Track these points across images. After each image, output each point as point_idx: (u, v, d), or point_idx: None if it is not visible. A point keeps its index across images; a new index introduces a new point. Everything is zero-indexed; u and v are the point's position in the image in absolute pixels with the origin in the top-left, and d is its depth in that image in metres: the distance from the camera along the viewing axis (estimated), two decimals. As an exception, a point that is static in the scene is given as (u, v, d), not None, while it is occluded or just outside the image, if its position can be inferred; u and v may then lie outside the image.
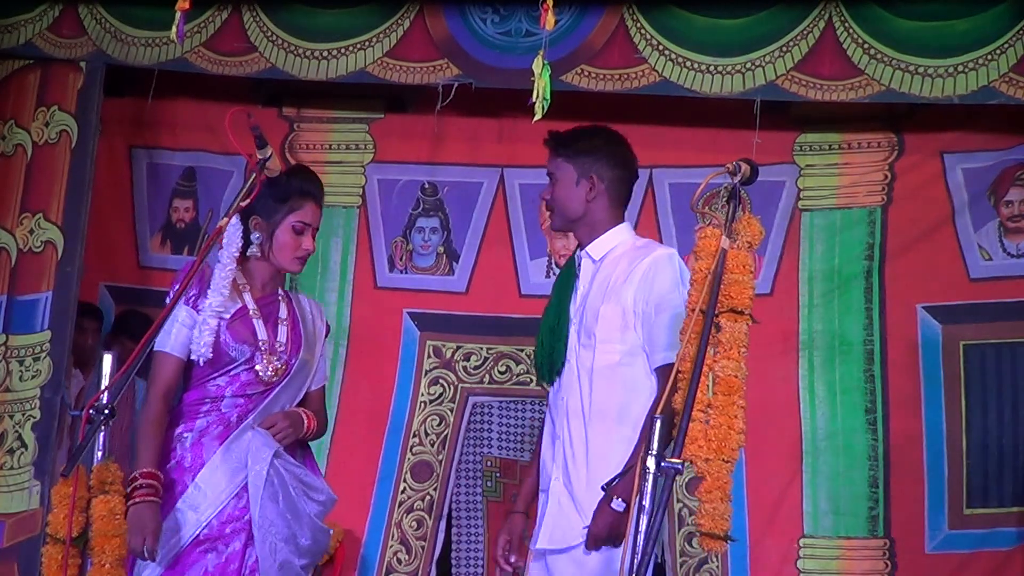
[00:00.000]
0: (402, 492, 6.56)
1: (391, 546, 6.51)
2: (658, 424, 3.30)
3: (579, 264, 4.52)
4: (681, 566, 6.11)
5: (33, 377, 6.24)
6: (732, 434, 3.68)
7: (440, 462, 6.60)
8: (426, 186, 6.89)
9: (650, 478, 3.29)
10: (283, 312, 4.60)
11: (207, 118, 6.95)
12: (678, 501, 6.11)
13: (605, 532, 4.19)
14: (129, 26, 6.47)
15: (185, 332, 4.40)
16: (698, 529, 3.73)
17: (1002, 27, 5.47)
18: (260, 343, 4.48)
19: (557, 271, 6.44)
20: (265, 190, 4.41)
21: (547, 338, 4.45)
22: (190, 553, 4.33)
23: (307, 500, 4.47)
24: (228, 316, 4.43)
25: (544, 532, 4.39)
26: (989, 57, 5.48)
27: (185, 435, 4.44)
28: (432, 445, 6.53)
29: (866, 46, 5.62)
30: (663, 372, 4.28)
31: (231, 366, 4.47)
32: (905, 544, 5.92)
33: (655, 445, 3.29)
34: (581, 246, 4.52)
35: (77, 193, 6.42)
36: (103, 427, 3.82)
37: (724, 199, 3.81)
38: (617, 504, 4.17)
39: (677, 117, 6.34)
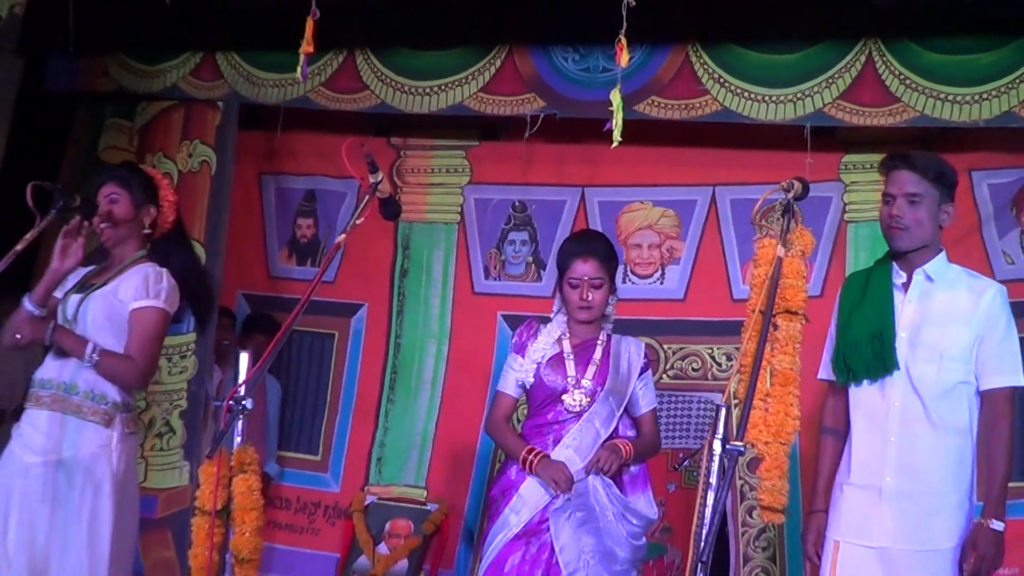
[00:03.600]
0: (496, 471, 6.56)
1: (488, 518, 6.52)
2: (723, 412, 3.29)
3: (904, 280, 4.25)
4: (743, 535, 6.07)
5: (180, 372, 6.32)
6: (788, 420, 3.69)
7: (530, 445, 6.61)
8: (516, 204, 6.90)
9: (716, 459, 3.28)
10: (598, 355, 4.96)
11: (325, 147, 7.00)
12: (740, 479, 6.07)
13: (993, 552, 4.05)
14: (259, 70, 6.56)
15: (514, 376, 5.00)
16: (758, 503, 3.75)
17: (1021, 59, 5.43)
18: (569, 379, 4.88)
19: (633, 278, 6.44)
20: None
21: (869, 344, 4.17)
22: (512, 545, 4.78)
23: (626, 522, 4.81)
24: (546, 359, 4.95)
25: (886, 530, 4.12)
26: (1010, 86, 5.44)
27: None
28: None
29: (902, 77, 5.59)
30: (1001, 395, 4.17)
31: (550, 398, 4.90)
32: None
33: (721, 430, 3.28)
34: (911, 264, 4.26)
35: (217, 214, 6.49)
36: (241, 416, 3.86)
37: (779, 213, 3.82)
38: (997, 525, 4.05)
39: (737, 141, 6.30)
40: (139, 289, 4.80)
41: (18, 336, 4.67)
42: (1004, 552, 4.05)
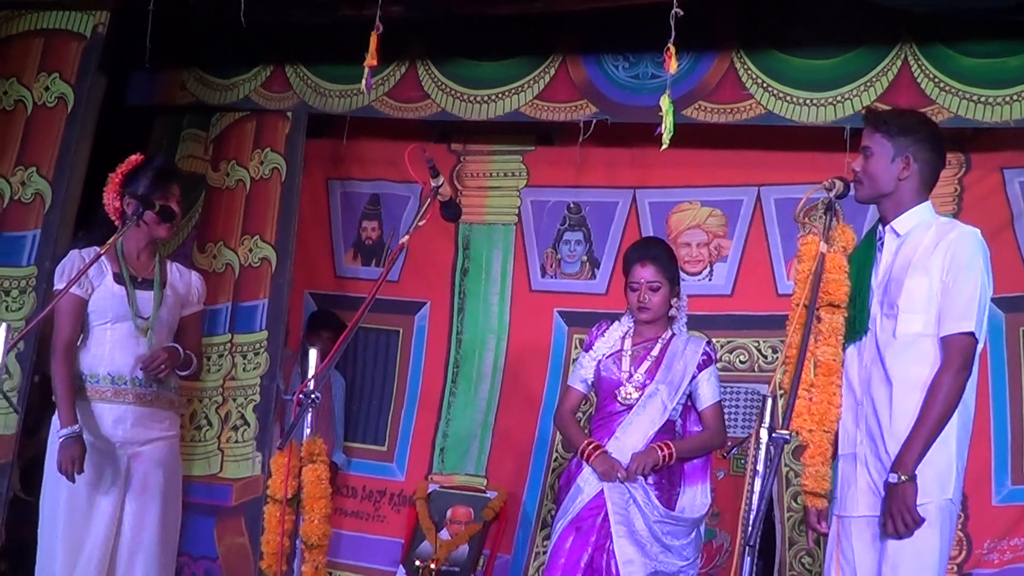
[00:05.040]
0: (554, 460, 6.56)
1: (545, 505, 6.51)
2: (769, 402, 3.26)
3: (881, 238, 4.00)
4: (788, 519, 6.04)
5: (254, 368, 6.34)
6: (831, 409, 3.66)
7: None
8: (571, 205, 6.89)
9: (763, 447, 3.26)
10: (655, 352, 5.02)
11: (389, 154, 7.00)
12: (786, 465, 6.03)
13: (892, 508, 3.72)
14: (326, 81, 6.59)
15: (581, 372, 5.13)
16: (802, 488, 3.71)
17: (1049, 63, 5.41)
18: (623, 374, 4.97)
19: (682, 275, 6.39)
20: None
21: (850, 309, 3.84)
22: (566, 531, 4.87)
23: (675, 528, 4.85)
24: (607, 355, 5.05)
25: (861, 500, 3.90)
26: (1039, 88, 5.42)
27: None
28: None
29: (936, 80, 5.56)
30: (947, 343, 3.78)
31: (608, 392, 5.01)
32: (975, 498, 5.76)
33: (767, 419, 3.25)
34: (884, 221, 3.98)
35: (286, 218, 6.50)
36: (310, 409, 3.87)
37: (822, 211, 3.79)
38: (892, 477, 3.71)
39: (780, 143, 6.26)
40: (199, 293, 5.08)
41: None
42: (910, 504, 3.67)
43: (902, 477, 3.70)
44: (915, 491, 3.70)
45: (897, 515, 3.71)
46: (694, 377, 4.99)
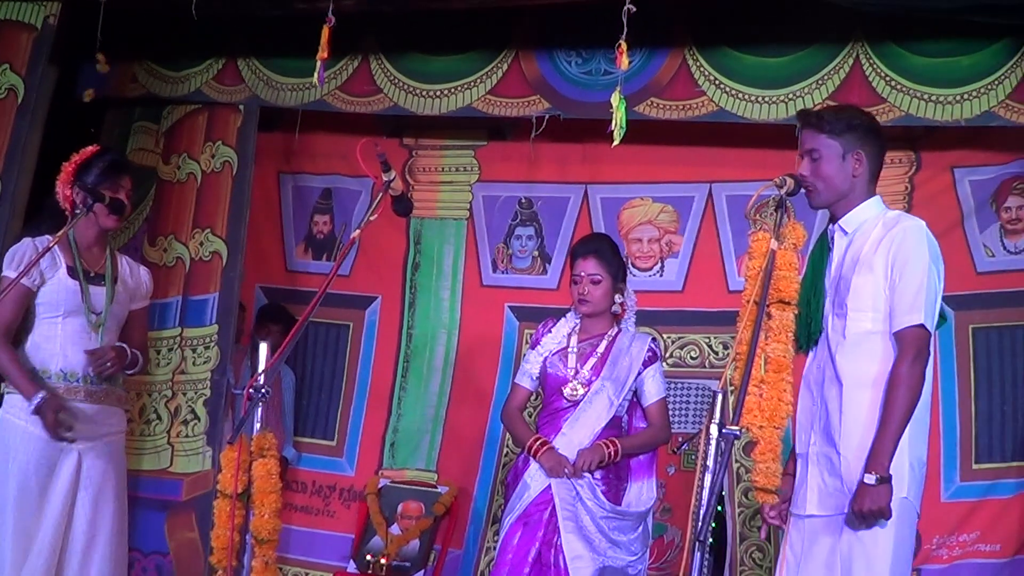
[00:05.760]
0: (505, 455, 6.56)
1: (496, 500, 6.51)
2: (719, 398, 3.27)
3: (832, 237, 3.99)
4: (739, 515, 6.06)
5: (204, 362, 6.31)
6: (781, 405, 3.66)
7: (537, 430, 6.61)
8: (523, 201, 6.88)
9: (713, 443, 3.26)
10: (601, 348, 5.01)
11: (341, 148, 6.98)
12: (736, 462, 6.06)
13: (864, 508, 3.67)
14: (278, 75, 6.55)
15: (528, 368, 5.13)
16: (753, 484, 3.71)
17: (1000, 62, 5.41)
18: (569, 371, 4.97)
19: (633, 271, 6.41)
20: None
21: (803, 309, 3.81)
22: (514, 526, 4.88)
23: (622, 523, 4.87)
24: (553, 352, 5.05)
25: (811, 498, 3.89)
26: (990, 87, 5.42)
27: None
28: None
29: (888, 78, 5.57)
30: (899, 337, 3.76)
31: (554, 389, 5.00)
32: (924, 494, 5.75)
33: (717, 415, 3.26)
34: (834, 219, 3.96)
35: (237, 212, 6.46)
36: (260, 403, 3.84)
37: (773, 208, 3.79)
38: (868, 478, 3.67)
39: (732, 140, 6.28)
40: (147, 288, 5.10)
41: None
42: (884, 504, 3.66)
43: (879, 477, 3.66)
44: (890, 492, 3.68)
45: (869, 516, 3.68)
46: (639, 374, 5.00)
